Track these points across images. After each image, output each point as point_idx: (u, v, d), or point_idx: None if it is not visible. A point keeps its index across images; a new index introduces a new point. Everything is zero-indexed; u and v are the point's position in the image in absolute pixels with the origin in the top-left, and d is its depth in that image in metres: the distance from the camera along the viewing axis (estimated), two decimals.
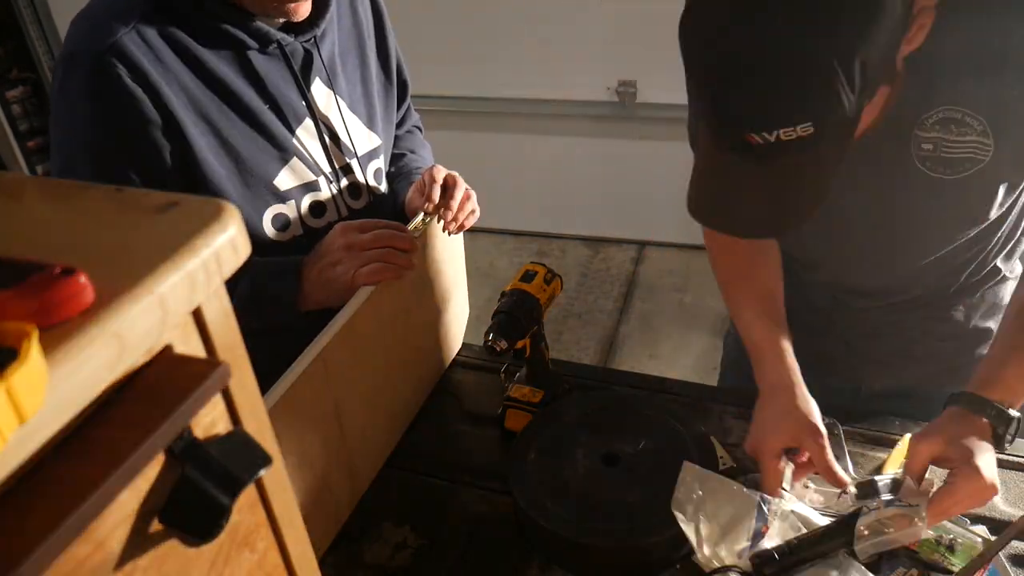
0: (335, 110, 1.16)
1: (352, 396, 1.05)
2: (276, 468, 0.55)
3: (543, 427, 1.11)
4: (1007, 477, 1.07)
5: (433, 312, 1.24)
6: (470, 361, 1.36)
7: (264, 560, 0.57)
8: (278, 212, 1.12)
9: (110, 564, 0.43)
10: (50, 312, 0.39)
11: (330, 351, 0.97)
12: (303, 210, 1.14)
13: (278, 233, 1.13)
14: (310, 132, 1.13)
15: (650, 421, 1.11)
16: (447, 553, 1.03)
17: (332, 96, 1.15)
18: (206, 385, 0.45)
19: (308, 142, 1.13)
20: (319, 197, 1.15)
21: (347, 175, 1.19)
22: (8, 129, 3.68)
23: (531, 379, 1.20)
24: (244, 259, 0.50)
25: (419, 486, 1.13)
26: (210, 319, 0.49)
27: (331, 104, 1.15)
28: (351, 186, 1.20)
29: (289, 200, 1.12)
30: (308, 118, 1.12)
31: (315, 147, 1.14)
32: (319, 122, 1.14)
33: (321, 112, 1.14)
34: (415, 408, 1.25)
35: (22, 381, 0.34)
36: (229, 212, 0.49)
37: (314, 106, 1.13)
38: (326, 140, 1.15)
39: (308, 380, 0.94)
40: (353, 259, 1.03)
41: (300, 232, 1.14)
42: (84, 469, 0.39)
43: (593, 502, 1.01)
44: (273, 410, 0.87)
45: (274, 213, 1.12)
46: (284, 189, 1.11)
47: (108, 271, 0.42)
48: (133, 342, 0.42)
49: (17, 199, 0.53)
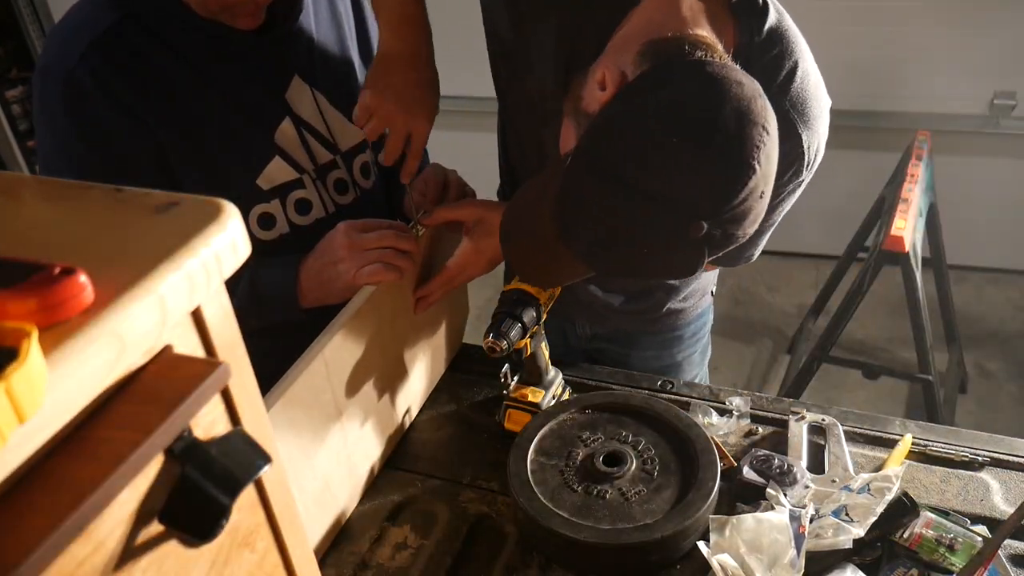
0: (314, 107, 1.15)
1: (352, 396, 1.05)
2: (276, 468, 0.55)
3: (543, 427, 1.11)
4: (1007, 477, 1.07)
5: (433, 312, 1.24)
6: (470, 361, 1.36)
7: (264, 560, 0.57)
8: (263, 212, 1.12)
9: (110, 564, 0.43)
10: (50, 312, 0.39)
11: (331, 351, 0.97)
12: (288, 208, 1.14)
13: (264, 232, 1.13)
14: (289, 130, 1.12)
15: (650, 421, 1.11)
16: (447, 553, 1.03)
17: (311, 92, 1.15)
18: (206, 385, 0.45)
19: (288, 141, 1.12)
20: (304, 195, 1.15)
21: (332, 171, 1.19)
22: (8, 129, 3.69)
23: (531, 379, 1.20)
24: (244, 259, 0.50)
25: (419, 486, 1.13)
26: (210, 319, 0.49)
27: (310, 101, 1.15)
28: (337, 182, 1.20)
29: (273, 199, 1.12)
30: (287, 117, 1.12)
31: (295, 146, 1.13)
32: (298, 120, 1.13)
33: (299, 110, 1.13)
34: (415, 408, 1.25)
35: (22, 381, 0.35)
36: (229, 212, 0.49)
37: (291, 105, 1.12)
38: (307, 138, 1.14)
39: (308, 380, 0.94)
40: (355, 259, 1.03)
41: (287, 230, 1.15)
42: (84, 469, 0.39)
43: (593, 502, 1.01)
44: (273, 410, 0.87)
45: (259, 213, 1.12)
46: (267, 189, 1.11)
47: (108, 271, 0.42)
48: (133, 342, 0.42)
49: (17, 199, 0.53)
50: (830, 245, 2.93)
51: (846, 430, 1.13)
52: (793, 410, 1.16)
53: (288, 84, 1.12)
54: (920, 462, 1.10)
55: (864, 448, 1.13)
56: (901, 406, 2.62)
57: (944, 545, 0.93)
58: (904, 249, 2.02)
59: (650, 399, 1.14)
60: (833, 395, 2.65)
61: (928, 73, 2.80)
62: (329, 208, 1.19)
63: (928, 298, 2.19)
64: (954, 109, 2.83)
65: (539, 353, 1.17)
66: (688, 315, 1.38)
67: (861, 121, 2.87)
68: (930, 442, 1.12)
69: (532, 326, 1.10)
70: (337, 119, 1.19)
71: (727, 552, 0.93)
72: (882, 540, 0.96)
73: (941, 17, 2.70)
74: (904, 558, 0.94)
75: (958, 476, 1.08)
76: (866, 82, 2.81)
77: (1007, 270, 3.12)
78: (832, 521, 0.94)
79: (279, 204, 1.13)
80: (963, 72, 2.77)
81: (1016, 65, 2.73)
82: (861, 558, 0.95)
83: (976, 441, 1.12)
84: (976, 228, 2.97)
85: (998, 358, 2.79)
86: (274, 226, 1.14)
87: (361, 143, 1.24)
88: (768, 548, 0.92)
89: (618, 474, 1.03)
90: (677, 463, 1.05)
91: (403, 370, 1.19)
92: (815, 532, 0.94)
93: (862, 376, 2.41)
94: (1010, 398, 2.64)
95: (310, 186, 1.16)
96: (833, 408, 1.17)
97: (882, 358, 2.77)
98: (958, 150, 2.86)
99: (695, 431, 1.08)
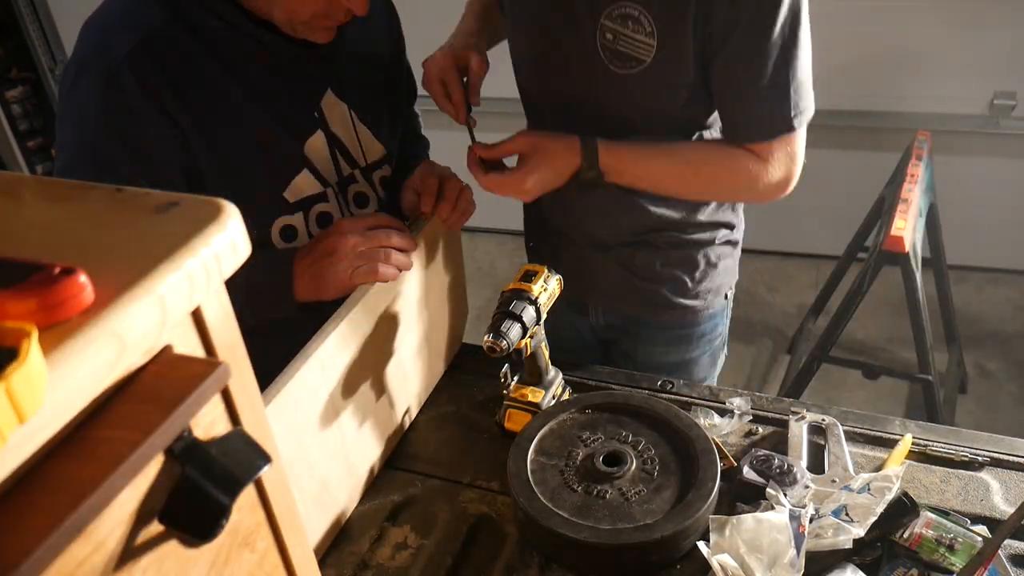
0: (347, 121, 1.15)
1: (349, 396, 1.05)
2: (276, 468, 0.55)
3: (543, 427, 1.11)
4: (1007, 477, 1.07)
5: (433, 312, 1.24)
6: (470, 361, 1.36)
7: (264, 560, 0.57)
8: (286, 224, 1.11)
9: (110, 564, 0.43)
10: (50, 312, 0.39)
11: (326, 350, 0.97)
12: (311, 221, 1.14)
13: (285, 244, 1.12)
14: (319, 144, 1.12)
15: (650, 421, 1.12)
16: (447, 553, 1.03)
17: (344, 107, 1.14)
18: (206, 385, 0.45)
19: (317, 153, 1.12)
20: (326, 208, 1.15)
21: (353, 184, 1.19)
22: (8, 129, 3.68)
23: (531, 379, 1.20)
24: (244, 259, 0.50)
25: (419, 486, 1.13)
26: (210, 319, 0.49)
27: (343, 115, 1.14)
28: (357, 195, 1.20)
29: (297, 212, 1.12)
30: (319, 129, 1.11)
31: (323, 159, 1.13)
32: (329, 134, 1.13)
33: (331, 124, 1.13)
34: (415, 408, 1.25)
35: (22, 381, 0.34)
36: (229, 212, 0.49)
37: (325, 118, 1.12)
38: (335, 152, 1.14)
39: (303, 380, 0.94)
40: (352, 257, 1.02)
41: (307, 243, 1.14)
42: (84, 469, 0.39)
43: (593, 502, 1.01)
44: (272, 410, 0.87)
45: (282, 224, 1.11)
46: (293, 201, 1.11)
47: (108, 271, 0.42)
48: (133, 342, 0.42)
49: (17, 199, 0.53)
50: (830, 245, 2.93)
51: (846, 430, 1.13)
52: (793, 410, 1.16)
53: (322, 97, 1.11)
54: (920, 462, 1.10)
55: (864, 448, 1.13)
56: (901, 406, 2.62)
57: (944, 545, 0.93)
58: (904, 249, 2.02)
59: (650, 399, 1.14)
60: (833, 395, 2.65)
61: (928, 73, 2.80)
62: None
63: (928, 298, 2.19)
64: (954, 109, 2.83)
65: (539, 353, 1.17)
66: (699, 314, 1.38)
67: (861, 121, 2.87)
68: (930, 442, 1.12)
69: (532, 326, 1.10)
70: (365, 134, 1.18)
71: (727, 552, 0.93)
72: (882, 540, 0.96)
73: (941, 17, 2.70)
74: (904, 558, 0.94)
75: (958, 476, 1.08)
76: (866, 82, 2.81)
77: (1007, 270, 3.12)
78: (832, 521, 0.94)
79: (302, 217, 1.12)
80: (963, 72, 2.77)
81: (1016, 65, 2.73)
82: (861, 558, 0.95)
83: (976, 441, 1.12)
84: (976, 228, 2.97)
85: (998, 358, 2.79)
86: (295, 239, 1.13)
87: (383, 158, 1.23)
88: (768, 548, 0.92)
89: (618, 474, 1.03)
90: (677, 463, 1.05)
91: (402, 370, 1.19)
92: (815, 532, 0.94)
93: (862, 376, 2.41)
94: (1010, 398, 2.64)
95: (333, 200, 1.15)
96: (833, 408, 1.17)
97: (882, 358, 2.77)
98: (958, 150, 2.86)
99: (695, 431, 1.08)
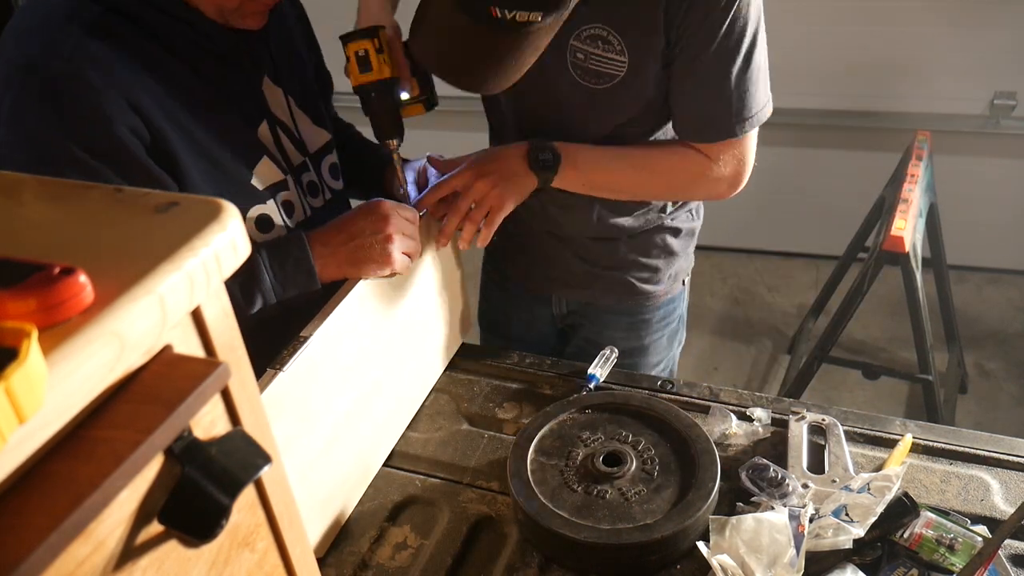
0: (286, 108, 1.14)
1: (351, 395, 1.05)
2: (276, 468, 0.55)
3: (543, 427, 1.11)
4: (1007, 477, 1.07)
5: (431, 311, 1.24)
6: (470, 361, 1.36)
7: (264, 560, 0.57)
8: (260, 213, 1.10)
9: (110, 564, 0.43)
10: (50, 312, 0.39)
11: (328, 351, 0.97)
12: (281, 210, 1.12)
13: (261, 235, 1.10)
14: (268, 131, 1.11)
15: (650, 421, 1.12)
16: (447, 553, 1.03)
17: (280, 92, 1.13)
18: (206, 385, 0.45)
19: (268, 141, 1.11)
20: (288, 196, 1.13)
21: (304, 173, 1.17)
22: None
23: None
24: (244, 259, 0.50)
25: (419, 486, 1.13)
26: (210, 319, 0.49)
27: (282, 102, 1.13)
28: (309, 184, 1.18)
29: (269, 200, 1.10)
30: (265, 117, 1.10)
31: (274, 146, 1.12)
32: (273, 120, 1.11)
33: (273, 109, 1.12)
34: (414, 407, 1.25)
35: (22, 381, 0.35)
36: (229, 212, 0.49)
37: (268, 105, 1.11)
38: (281, 138, 1.13)
39: (305, 379, 0.94)
40: (398, 241, 1.05)
41: (285, 233, 1.12)
42: (84, 469, 0.39)
43: (593, 502, 1.01)
44: (271, 410, 0.87)
45: (257, 214, 1.09)
46: (260, 189, 1.09)
47: (108, 271, 0.42)
48: (133, 342, 0.42)
49: (17, 199, 0.53)
50: (830, 245, 2.93)
51: (846, 430, 1.13)
52: (793, 410, 1.16)
53: (260, 84, 1.10)
54: (920, 462, 1.10)
55: (864, 448, 1.13)
56: (901, 406, 2.62)
57: (944, 545, 0.93)
58: (904, 249, 2.02)
59: (650, 399, 1.14)
60: (833, 395, 2.65)
61: (928, 73, 2.80)
62: (307, 211, 1.17)
63: (928, 298, 2.19)
64: (954, 109, 2.83)
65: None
66: (658, 298, 1.45)
67: (861, 121, 2.87)
68: (930, 442, 1.12)
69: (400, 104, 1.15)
70: (304, 121, 1.17)
71: (727, 552, 0.93)
72: (882, 540, 0.96)
73: (941, 17, 2.70)
74: (904, 558, 0.94)
75: (958, 476, 1.08)
76: (866, 82, 2.81)
77: (1007, 270, 3.12)
78: (832, 521, 0.95)
79: (275, 205, 1.11)
80: (963, 72, 2.77)
81: (1016, 65, 2.73)
82: (861, 558, 0.95)
83: (976, 441, 1.12)
84: (976, 228, 2.97)
85: (998, 358, 2.79)
86: (271, 229, 1.11)
87: (327, 144, 1.22)
88: (768, 548, 0.92)
89: (618, 474, 1.03)
90: (677, 463, 1.05)
91: (401, 369, 1.19)
92: (815, 532, 0.94)
93: (862, 376, 2.41)
94: (1010, 398, 2.64)
95: (292, 188, 1.14)
96: (833, 408, 1.17)
97: (882, 358, 2.77)
98: (958, 150, 2.86)
99: (695, 431, 1.08)
